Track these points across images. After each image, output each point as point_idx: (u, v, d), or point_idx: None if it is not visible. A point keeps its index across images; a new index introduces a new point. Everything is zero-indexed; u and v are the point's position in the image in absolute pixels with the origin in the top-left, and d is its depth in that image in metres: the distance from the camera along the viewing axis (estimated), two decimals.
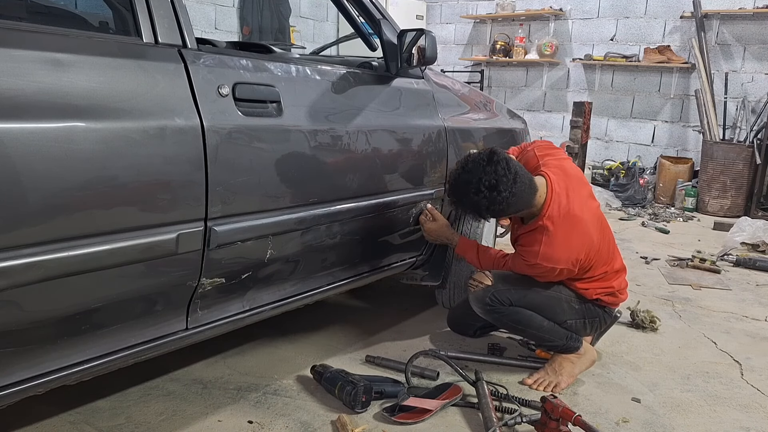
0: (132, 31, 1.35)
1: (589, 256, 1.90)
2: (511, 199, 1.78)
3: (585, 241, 1.88)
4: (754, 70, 5.42)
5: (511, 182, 1.76)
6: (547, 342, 2.03)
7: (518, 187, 1.78)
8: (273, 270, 1.69)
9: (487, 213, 1.83)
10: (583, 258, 1.88)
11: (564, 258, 1.85)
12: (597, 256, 1.94)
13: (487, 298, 1.97)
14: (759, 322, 2.69)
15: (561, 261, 1.85)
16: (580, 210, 1.88)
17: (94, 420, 1.67)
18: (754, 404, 1.94)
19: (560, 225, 1.85)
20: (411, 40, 2.01)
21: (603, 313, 2.06)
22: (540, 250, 1.85)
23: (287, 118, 1.60)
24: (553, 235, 1.84)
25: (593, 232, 1.91)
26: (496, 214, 1.87)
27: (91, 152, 1.17)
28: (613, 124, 6.24)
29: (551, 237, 1.84)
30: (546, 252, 1.85)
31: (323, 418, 1.73)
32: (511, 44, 6.69)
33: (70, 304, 1.24)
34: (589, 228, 1.89)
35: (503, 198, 1.77)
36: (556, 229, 1.85)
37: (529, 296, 1.96)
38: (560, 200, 1.87)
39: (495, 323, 2.08)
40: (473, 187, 1.78)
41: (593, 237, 1.90)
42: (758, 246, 3.88)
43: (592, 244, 1.90)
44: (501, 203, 1.78)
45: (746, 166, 5.13)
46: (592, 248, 1.90)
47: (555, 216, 1.85)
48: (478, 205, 1.80)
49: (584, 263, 1.91)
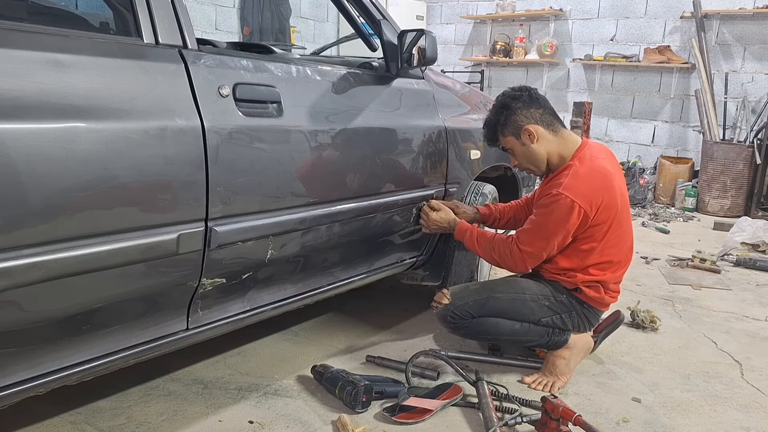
0: (132, 32, 1.35)
1: (605, 214, 1.88)
2: (545, 106, 1.98)
3: (607, 190, 1.89)
4: (754, 70, 5.42)
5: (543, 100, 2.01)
6: (529, 343, 2.02)
7: (548, 108, 2.00)
8: (273, 270, 1.69)
9: (519, 99, 1.96)
10: (600, 206, 1.86)
11: (585, 192, 1.85)
12: (610, 226, 1.90)
13: (448, 316, 1.96)
14: (759, 322, 2.69)
15: (582, 195, 1.84)
16: (612, 172, 1.94)
17: (95, 420, 1.67)
18: (755, 404, 1.94)
19: (587, 166, 1.90)
20: (411, 40, 2.01)
21: (581, 308, 1.98)
22: (564, 181, 1.87)
23: (288, 118, 1.60)
24: (580, 170, 1.89)
25: (617, 193, 1.91)
26: (526, 117, 1.96)
27: (91, 153, 1.17)
28: (613, 125, 6.24)
29: (577, 171, 1.89)
30: (570, 183, 1.86)
31: (324, 418, 1.73)
32: (511, 44, 6.69)
33: (71, 304, 1.24)
34: (614, 186, 1.91)
35: (540, 101, 1.98)
36: (582, 167, 1.90)
37: (489, 304, 1.94)
38: (593, 152, 1.95)
39: (466, 338, 2.09)
40: (510, 95, 1.98)
41: (616, 197, 1.90)
42: (758, 246, 3.88)
43: (612, 202, 1.89)
44: (539, 102, 1.98)
45: (746, 166, 5.13)
46: (611, 208, 1.89)
47: (585, 158, 1.93)
48: (504, 101, 1.98)
49: (598, 217, 1.87)
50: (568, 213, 1.84)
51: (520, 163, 2.05)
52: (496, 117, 2.01)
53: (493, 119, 2.02)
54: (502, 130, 2.00)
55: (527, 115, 1.96)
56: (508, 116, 1.97)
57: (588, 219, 1.86)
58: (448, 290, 2.02)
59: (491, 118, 2.03)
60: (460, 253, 2.36)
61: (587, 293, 1.97)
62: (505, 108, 1.98)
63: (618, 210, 1.92)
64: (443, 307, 1.98)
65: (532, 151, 1.97)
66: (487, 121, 2.06)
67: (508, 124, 1.97)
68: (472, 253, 2.37)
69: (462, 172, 2.33)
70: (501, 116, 1.99)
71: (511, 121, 1.97)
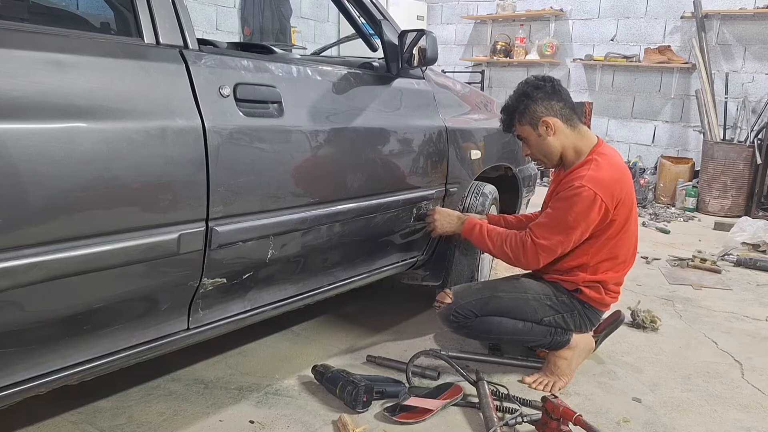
0: (133, 32, 1.35)
1: (622, 210, 1.89)
2: (566, 100, 1.96)
3: (626, 187, 1.91)
4: (755, 70, 5.42)
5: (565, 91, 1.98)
6: (531, 343, 2.02)
7: (569, 102, 1.97)
8: (274, 270, 1.69)
9: (541, 89, 1.93)
10: (620, 202, 1.87)
11: (608, 186, 1.84)
12: (624, 223, 1.91)
13: (451, 315, 1.96)
14: (760, 322, 2.69)
15: (605, 189, 1.83)
16: (624, 170, 1.96)
17: (96, 420, 1.68)
18: (755, 404, 1.94)
19: (608, 162, 1.90)
20: (412, 40, 2.01)
21: (582, 308, 1.98)
22: (587, 173, 1.85)
23: (288, 118, 1.60)
24: (602, 164, 1.88)
25: (632, 192, 1.94)
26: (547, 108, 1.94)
27: (92, 153, 1.17)
28: (613, 125, 6.24)
29: (600, 165, 1.88)
30: (594, 176, 1.84)
31: (324, 418, 1.73)
32: (511, 44, 6.69)
33: (72, 304, 1.24)
34: (630, 184, 1.94)
35: (562, 94, 1.95)
36: (604, 162, 1.89)
37: (492, 302, 1.94)
38: (609, 150, 1.97)
39: (468, 337, 2.08)
40: (532, 83, 1.95)
41: (632, 195, 1.94)
42: (759, 246, 3.88)
43: (629, 198, 1.91)
44: (561, 95, 1.94)
45: (747, 166, 5.13)
46: (627, 204, 1.91)
47: (605, 155, 1.92)
48: (526, 90, 1.94)
49: (616, 213, 1.87)
50: (590, 206, 1.83)
51: (533, 153, 2.03)
52: (515, 104, 1.98)
53: (512, 106, 1.99)
54: (520, 119, 1.97)
55: (547, 106, 1.93)
56: (527, 105, 1.94)
57: (608, 215, 1.86)
58: (450, 290, 2.02)
59: (510, 104, 2.00)
60: (460, 253, 2.36)
61: (588, 294, 1.96)
62: (526, 96, 1.95)
63: (631, 208, 1.94)
64: (446, 306, 1.98)
65: (547, 143, 1.95)
66: (506, 106, 2.02)
67: (526, 113, 1.95)
68: (472, 254, 2.38)
69: (462, 173, 2.33)
70: (520, 104, 1.96)
71: (530, 110, 1.94)
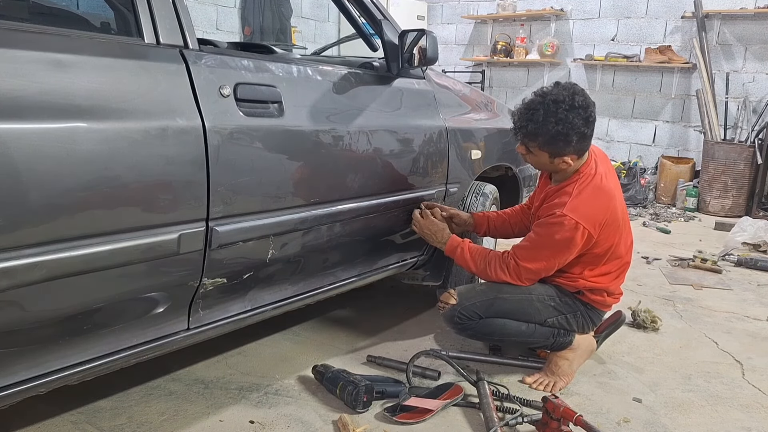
0: (134, 32, 1.35)
1: (607, 231, 1.88)
2: (591, 135, 1.90)
3: (610, 209, 1.89)
4: (756, 70, 5.41)
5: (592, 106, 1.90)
6: (534, 344, 2.02)
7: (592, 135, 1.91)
8: (274, 270, 1.69)
9: (585, 128, 1.84)
10: (603, 224, 1.86)
11: (589, 213, 1.84)
12: (612, 242, 1.92)
13: (455, 317, 1.95)
14: (760, 322, 2.69)
15: (586, 216, 1.83)
16: (613, 187, 1.94)
17: (96, 420, 1.68)
18: (756, 404, 1.94)
19: (591, 185, 1.89)
20: (412, 40, 2.01)
21: (585, 309, 2.00)
22: (569, 201, 1.85)
23: (289, 118, 1.60)
24: (584, 190, 1.87)
25: (618, 209, 1.92)
26: (585, 136, 1.87)
27: (93, 152, 1.17)
28: (614, 125, 6.23)
29: (581, 191, 1.87)
30: (574, 204, 1.84)
31: (324, 418, 1.73)
32: (512, 44, 6.68)
33: (72, 304, 1.24)
34: (615, 204, 1.92)
35: (590, 131, 1.88)
36: (587, 186, 1.88)
37: (497, 304, 1.93)
38: (598, 169, 1.93)
39: (472, 338, 2.08)
40: (566, 104, 1.82)
41: (617, 214, 1.92)
42: (759, 246, 3.88)
43: (613, 218, 1.90)
44: (589, 135, 1.87)
45: (747, 166, 5.13)
46: (613, 224, 1.90)
47: (589, 176, 1.91)
48: (572, 123, 1.81)
49: (600, 236, 1.88)
50: (572, 235, 1.83)
51: (533, 164, 2.02)
52: (546, 126, 1.82)
53: (542, 128, 1.83)
54: (543, 144, 1.87)
55: (576, 147, 1.86)
56: (557, 139, 1.83)
57: (592, 239, 1.87)
58: (454, 290, 2.01)
59: (541, 121, 1.82)
60: None
61: (590, 296, 1.99)
62: (563, 130, 1.81)
63: (619, 225, 1.94)
64: (450, 307, 1.98)
65: (554, 167, 1.95)
66: (534, 118, 1.84)
67: (553, 145, 1.86)
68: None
69: (463, 172, 2.33)
70: (553, 131, 1.82)
71: (559, 147, 1.85)
